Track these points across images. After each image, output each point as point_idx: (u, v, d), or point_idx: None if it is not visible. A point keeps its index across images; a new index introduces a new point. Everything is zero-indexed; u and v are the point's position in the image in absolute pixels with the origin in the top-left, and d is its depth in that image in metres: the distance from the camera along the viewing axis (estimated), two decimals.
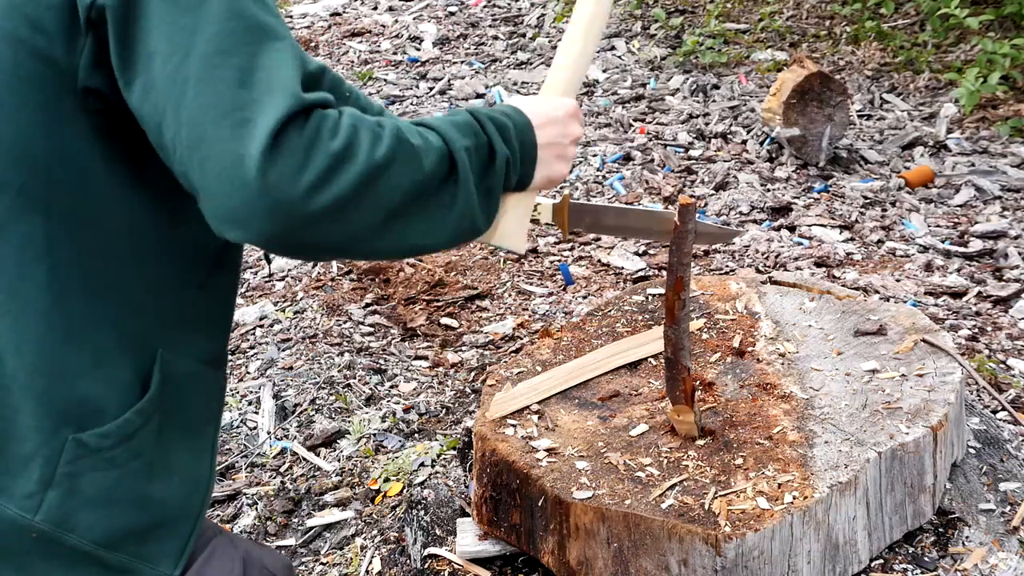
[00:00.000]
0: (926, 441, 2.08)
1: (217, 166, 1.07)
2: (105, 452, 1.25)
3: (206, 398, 1.40)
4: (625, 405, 2.24)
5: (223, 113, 1.07)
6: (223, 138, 1.07)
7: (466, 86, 5.84)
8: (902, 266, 3.84)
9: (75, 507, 1.24)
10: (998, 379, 2.99)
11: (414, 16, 7.19)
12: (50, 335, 1.22)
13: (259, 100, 1.08)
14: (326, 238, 1.13)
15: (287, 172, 1.07)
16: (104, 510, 1.26)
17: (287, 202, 1.07)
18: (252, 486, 2.72)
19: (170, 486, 1.32)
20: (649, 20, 6.80)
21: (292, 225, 1.09)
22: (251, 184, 1.06)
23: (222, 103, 1.08)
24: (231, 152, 1.06)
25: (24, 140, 1.18)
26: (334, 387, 3.15)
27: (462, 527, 2.27)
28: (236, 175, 1.06)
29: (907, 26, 6.45)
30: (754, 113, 5.28)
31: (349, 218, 1.13)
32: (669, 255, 1.95)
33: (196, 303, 1.34)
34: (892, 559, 2.09)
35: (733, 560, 1.85)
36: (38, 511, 1.23)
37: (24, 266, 1.20)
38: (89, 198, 1.21)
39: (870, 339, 2.40)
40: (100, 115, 1.18)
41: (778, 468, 1.99)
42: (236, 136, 1.07)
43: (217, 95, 1.08)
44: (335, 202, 1.10)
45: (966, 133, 5.13)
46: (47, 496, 1.23)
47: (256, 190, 1.06)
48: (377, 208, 1.15)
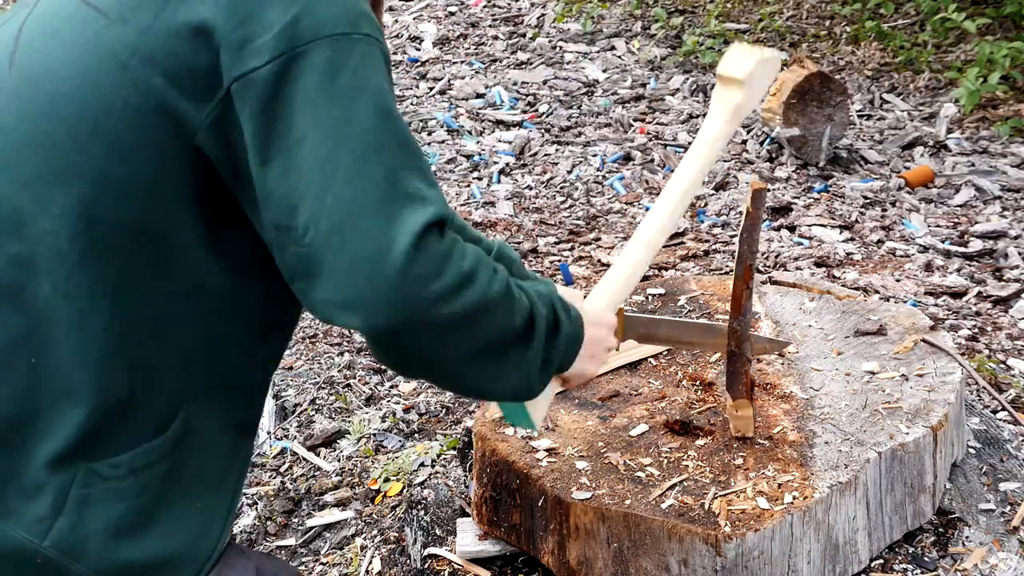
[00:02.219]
0: (926, 441, 2.08)
1: (357, 253, 1.12)
2: (114, 482, 1.25)
3: (227, 461, 1.39)
4: (625, 405, 2.24)
5: (373, 206, 1.13)
6: (369, 229, 1.12)
7: (466, 86, 5.84)
8: (902, 266, 3.84)
9: (83, 536, 1.24)
10: (998, 379, 2.99)
11: (414, 16, 7.19)
12: (98, 370, 1.23)
13: (407, 201, 1.14)
14: (427, 348, 1.20)
15: (425, 274, 1.14)
16: (111, 542, 1.25)
17: (417, 300, 1.14)
18: (252, 486, 2.72)
19: (177, 529, 1.31)
20: (649, 20, 6.80)
21: (412, 324, 1.15)
22: (390, 276, 1.12)
23: (372, 197, 1.13)
24: (377, 243, 1.12)
25: (131, 180, 1.19)
26: (334, 387, 3.15)
27: (462, 527, 2.27)
28: (377, 264, 1.12)
29: (907, 26, 6.45)
30: (754, 113, 5.28)
31: (453, 338, 1.21)
32: (739, 243, 1.94)
33: (241, 370, 1.36)
34: (892, 559, 2.09)
35: (733, 560, 1.85)
36: (47, 537, 1.22)
37: (95, 299, 1.21)
38: (168, 249, 1.22)
39: (870, 339, 2.40)
40: (202, 174, 1.20)
41: (778, 468, 1.99)
42: (382, 231, 1.12)
43: (367, 188, 1.13)
44: (451, 317, 1.17)
45: (966, 133, 5.13)
46: (57, 522, 1.23)
47: (394, 282, 1.12)
48: (475, 338, 1.23)
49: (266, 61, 1.14)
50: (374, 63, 1.19)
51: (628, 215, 4.39)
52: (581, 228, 4.29)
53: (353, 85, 1.16)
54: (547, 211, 4.45)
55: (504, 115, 5.45)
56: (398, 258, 1.11)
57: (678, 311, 2.59)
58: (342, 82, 1.15)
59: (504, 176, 4.80)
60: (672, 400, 2.23)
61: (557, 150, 5.04)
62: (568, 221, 4.35)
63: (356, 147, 1.14)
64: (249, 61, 1.14)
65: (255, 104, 1.14)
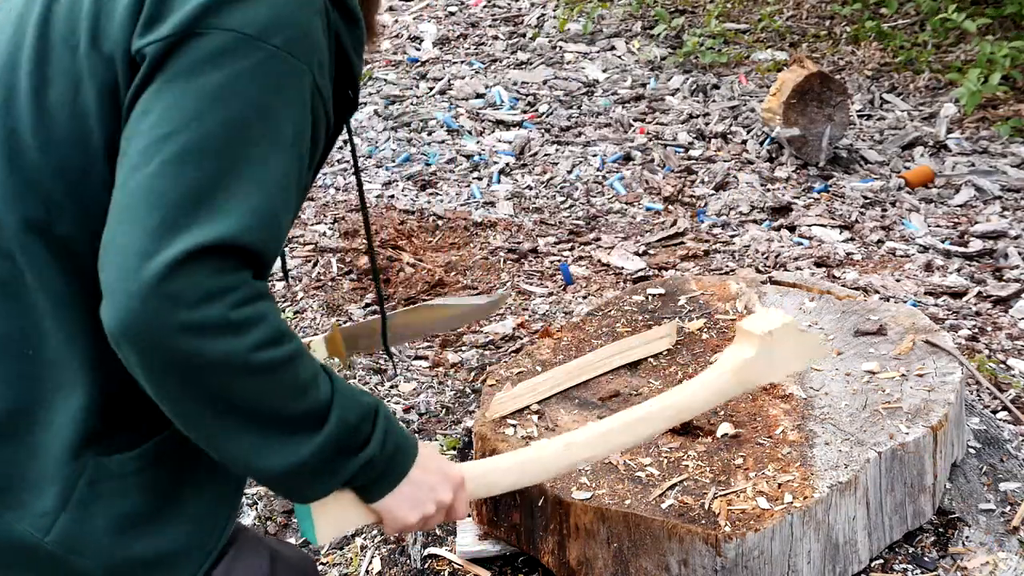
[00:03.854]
0: (926, 441, 2.08)
1: (126, 245, 1.07)
2: (124, 478, 1.25)
3: None
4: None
5: (167, 205, 1.06)
6: (150, 224, 1.06)
7: (466, 86, 5.84)
8: (902, 266, 3.84)
9: (88, 532, 1.23)
10: (998, 379, 2.99)
11: (414, 16, 7.19)
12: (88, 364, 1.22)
13: (205, 219, 1.06)
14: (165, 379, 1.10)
15: (179, 296, 1.05)
16: (116, 537, 1.25)
17: (160, 318, 1.05)
18: (253, 486, 2.72)
19: (184, 521, 1.31)
20: (650, 20, 6.80)
21: (145, 340, 1.06)
22: (143, 282, 1.05)
23: (171, 195, 1.07)
24: (145, 244, 1.06)
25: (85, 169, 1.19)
26: None
27: (462, 527, 2.27)
28: (136, 264, 1.05)
29: (907, 26, 6.45)
30: (754, 113, 5.28)
31: (197, 383, 1.10)
32: None
33: None
34: (892, 559, 2.09)
35: (733, 560, 1.85)
36: (50, 532, 1.22)
37: (73, 292, 1.21)
38: None
39: (870, 339, 2.40)
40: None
41: (778, 468, 1.99)
42: (159, 234, 1.06)
43: (171, 186, 1.07)
44: (188, 358, 1.07)
45: (966, 133, 5.13)
46: (61, 517, 1.22)
47: (142, 288, 1.05)
48: (220, 398, 1.12)
49: (164, 36, 1.12)
50: (267, 79, 1.13)
51: (628, 215, 4.39)
52: (581, 228, 4.29)
53: (224, 87, 1.10)
54: (547, 211, 4.45)
55: (504, 115, 5.45)
56: (159, 265, 1.05)
57: (678, 311, 2.59)
58: (215, 79, 1.10)
59: (504, 176, 4.80)
60: None
61: (557, 150, 5.04)
62: (568, 221, 4.35)
63: (188, 143, 1.08)
64: (150, 36, 1.13)
65: (139, 78, 1.13)
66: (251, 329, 1.10)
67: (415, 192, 4.64)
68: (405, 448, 1.34)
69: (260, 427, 1.16)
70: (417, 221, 4.32)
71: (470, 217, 4.36)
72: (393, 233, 4.15)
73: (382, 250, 4.01)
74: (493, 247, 4.10)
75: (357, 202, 4.49)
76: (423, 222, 4.31)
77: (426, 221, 4.32)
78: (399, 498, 1.35)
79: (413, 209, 4.42)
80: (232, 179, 1.09)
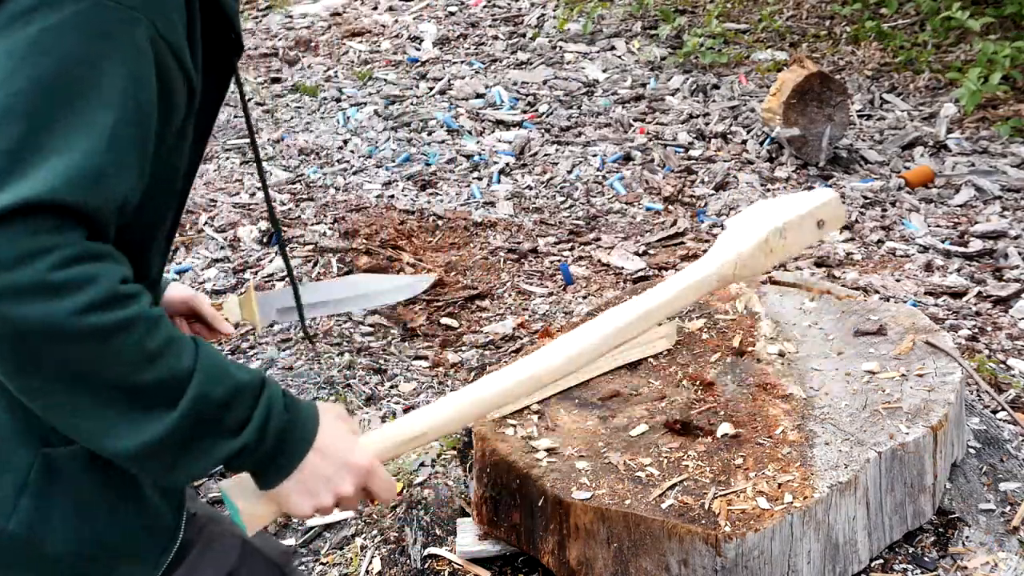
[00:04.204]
0: (926, 441, 2.08)
1: None
2: (70, 468, 1.23)
3: None
4: (625, 405, 2.24)
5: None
6: None
7: (466, 86, 5.84)
8: (902, 266, 3.84)
9: (47, 516, 1.22)
10: (998, 379, 2.99)
11: (414, 16, 7.19)
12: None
13: (15, 176, 1.01)
14: None
15: None
16: (75, 522, 1.24)
17: None
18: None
19: (141, 505, 1.30)
20: (650, 20, 6.80)
21: None
22: None
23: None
24: None
25: None
26: (334, 387, 3.15)
27: (462, 527, 2.27)
28: None
29: (907, 26, 6.45)
30: (754, 113, 5.28)
31: (20, 350, 1.03)
32: None
33: None
34: (892, 559, 2.09)
35: (733, 560, 1.85)
36: (11, 517, 1.21)
37: None
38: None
39: (870, 339, 2.40)
40: None
41: (778, 468, 1.99)
42: None
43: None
44: (6, 322, 1.01)
45: (966, 133, 5.13)
46: (20, 503, 1.21)
47: None
48: (57, 370, 1.05)
49: None
50: (85, 30, 1.07)
51: (628, 215, 4.39)
52: (581, 228, 4.29)
53: (36, 42, 1.05)
54: (547, 211, 4.45)
55: (504, 115, 5.44)
56: None
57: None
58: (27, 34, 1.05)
59: (504, 176, 4.80)
60: (672, 400, 2.23)
61: (557, 150, 5.04)
62: (568, 221, 4.35)
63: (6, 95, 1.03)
64: None
65: None
66: (74, 291, 1.03)
67: (415, 192, 4.64)
68: (296, 432, 1.24)
69: (106, 402, 1.09)
70: (417, 221, 4.31)
71: (470, 217, 4.36)
72: (393, 233, 4.15)
73: (382, 250, 4.01)
74: (493, 247, 4.10)
75: (357, 202, 4.49)
76: (423, 222, 4.31)
77: (426, 221, 4.32)
78: (292, 486, 1.26)
79: (413, 209, 4.42)
80: (45, 137, 1.04)
